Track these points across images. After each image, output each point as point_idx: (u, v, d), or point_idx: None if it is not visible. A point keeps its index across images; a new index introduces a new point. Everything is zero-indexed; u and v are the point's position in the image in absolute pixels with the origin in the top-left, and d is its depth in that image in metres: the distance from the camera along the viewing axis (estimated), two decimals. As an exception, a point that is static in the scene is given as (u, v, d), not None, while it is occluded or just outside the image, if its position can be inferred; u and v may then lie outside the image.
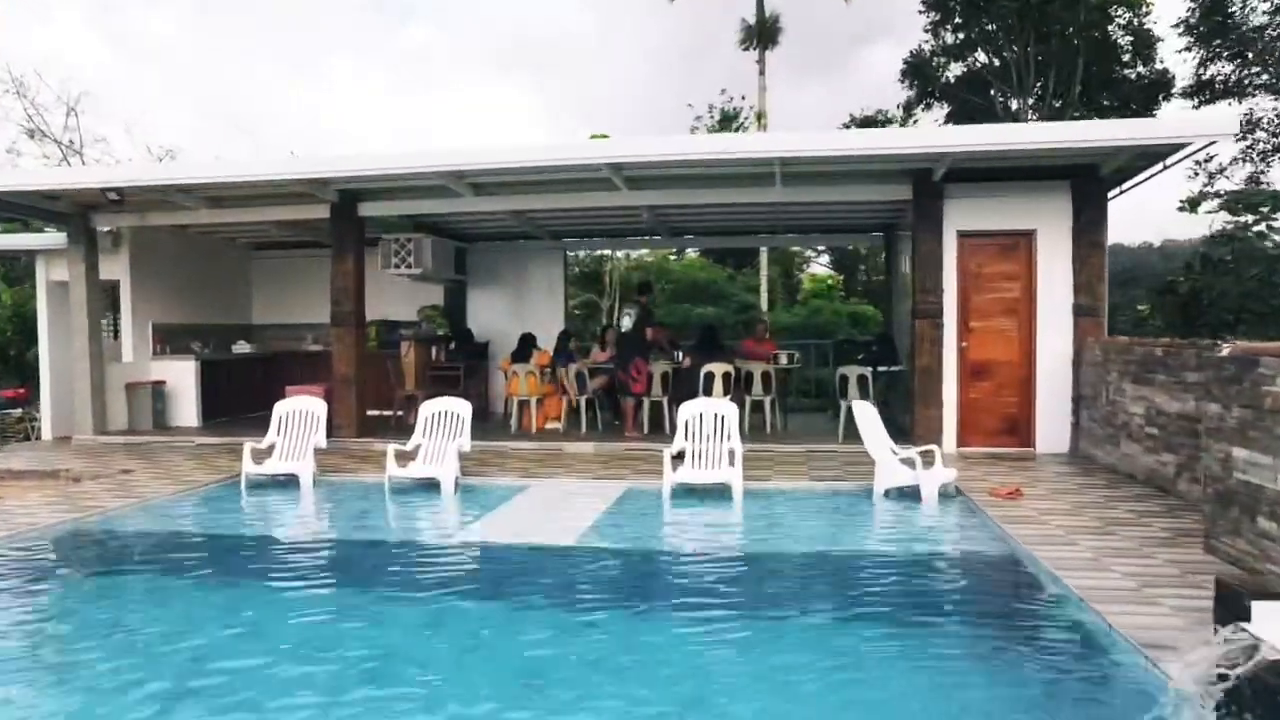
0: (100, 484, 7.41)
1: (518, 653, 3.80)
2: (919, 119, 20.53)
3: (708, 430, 7.12)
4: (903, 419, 9.39)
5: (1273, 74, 15.74)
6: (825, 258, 26.81)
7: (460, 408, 7.68)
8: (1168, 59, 17.39)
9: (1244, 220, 10.80)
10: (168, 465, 8.42)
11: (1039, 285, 8.70)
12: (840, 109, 41.30)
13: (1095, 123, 9.05)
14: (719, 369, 9.72)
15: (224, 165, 8.69)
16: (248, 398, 11.95)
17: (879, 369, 9.80)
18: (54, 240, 10.65)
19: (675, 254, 23.48)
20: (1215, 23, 15.38)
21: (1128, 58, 17.90)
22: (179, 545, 5.79)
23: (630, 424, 9.99)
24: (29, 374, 13.02)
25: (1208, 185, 16.05)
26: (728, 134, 20.17)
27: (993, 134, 8.30)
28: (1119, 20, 17.14)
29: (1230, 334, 9.94)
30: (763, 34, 20.87)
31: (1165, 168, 8.30)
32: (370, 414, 11.00)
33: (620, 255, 23.09)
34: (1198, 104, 16.40)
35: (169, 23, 39.46)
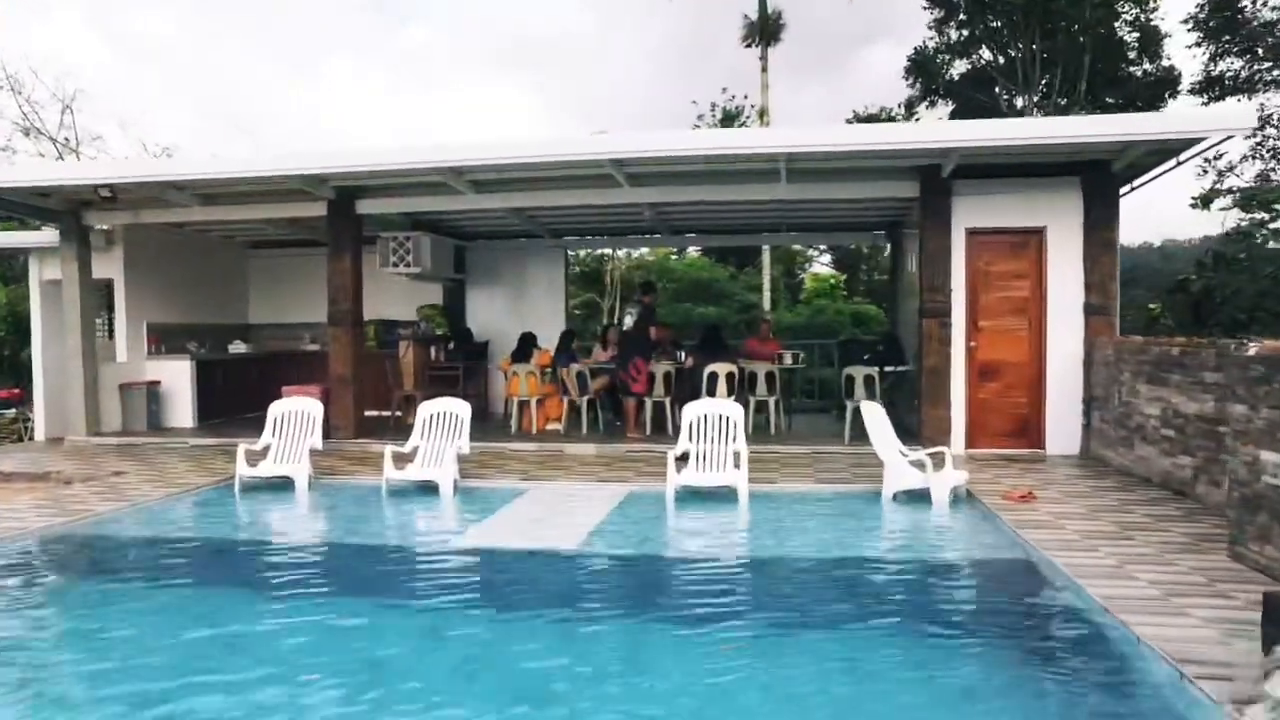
0: (91, 487, 7.25)
1: (516, 665, 3.63)
2: (921, 117, 20.37)
3: (712, 432, 6.96)
4: (909, 419, 9.22)
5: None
6: (827, 257, 26.65)
7: (459, 409, 7.51)
8: (1174, 56, 17.25)
9: (1259, 217, 10.60)
10: (161, 467, 8.25)
11: (1049, 284, 8.53)
12: (841, 108, 41.08)
13: (1109, 117, 8.88)
14: (723, 369, 9.55)
15: (218, 162, 8.52)
16: (244, 398, 11.79)
17: (885, 369, 9.63)
18: (47, 238, 10.49)
19: (676, 253, 23.32)
20: (1225, 18, 15.21)
21: (1134, 55, 17.73)
22: (166, 551, 5.61)
23: (632, 425, 9.83)
24: (23, 374, 12.86)
25: (1217, 183, 15.87)
26: (733, 129, 19.94)
27: (1004, 128, 8.14)
28: (1125, 16, 16.97)
29: (1243, 333, 9.77)
30: (765, 30, 20.69)
31: (1179, 163, 8.14)
32: (369, 415, 10.85)
33: (621, 254, 22.95)
34: (1206, 100, 16.21)
35: (168, 22, 39.32)
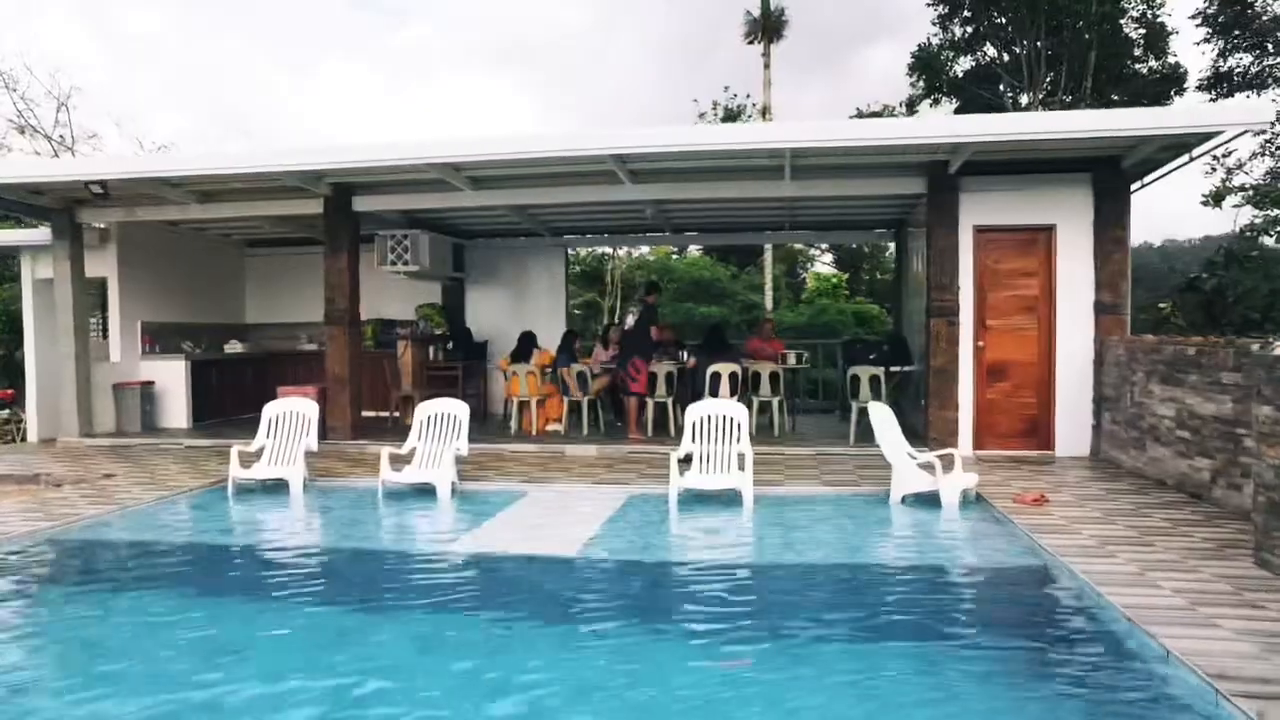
0: (80, 489, 7.09)
1: (514, 678, 3.47)
2: (924, 115, 20.18)
3: (716, 433, 6.80)
4: (914, 420, 9.06)
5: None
6: (828, 256, 26.50)
7: (457, 409, 7.35)
8: (1181, 53, 17.09)
9: (1274, 214, 10.41)
10: (153, 469, 8.09)
11: (1059, 282, 8.37)
12: (843, 108, 40.99)
13: (1124, 111, 8.68)
14: (725, 369, 9.39)
15: (212, 157, 8.36)
16: (240, 399, 11.64)
17: (891, 369, 9.47)
18: (39, 236, 10.33)
19: (677, 252, 23.17)
20: (1234, 13, 15.02)
21: (1139, 52, 17.56)
22: (153, 556, 5.44)
23: (633, 426, 9.67)
24: (17, 374, 12.69)
25: (1226, 180, 15.69)
26: (737, 124, 19.73)
27: (1016, 122, 7.96)
28: (1132, 13, 16.80)
29: (1256, 332, 9.61)
30: (767, 26, 20.53)
31: (1192, 159, 7.96)
32: (367, 415, 10.69)
33: (622, 253, 22.80)
34: (1214, 97, 16.04)
35: (165, 22, 39.18)
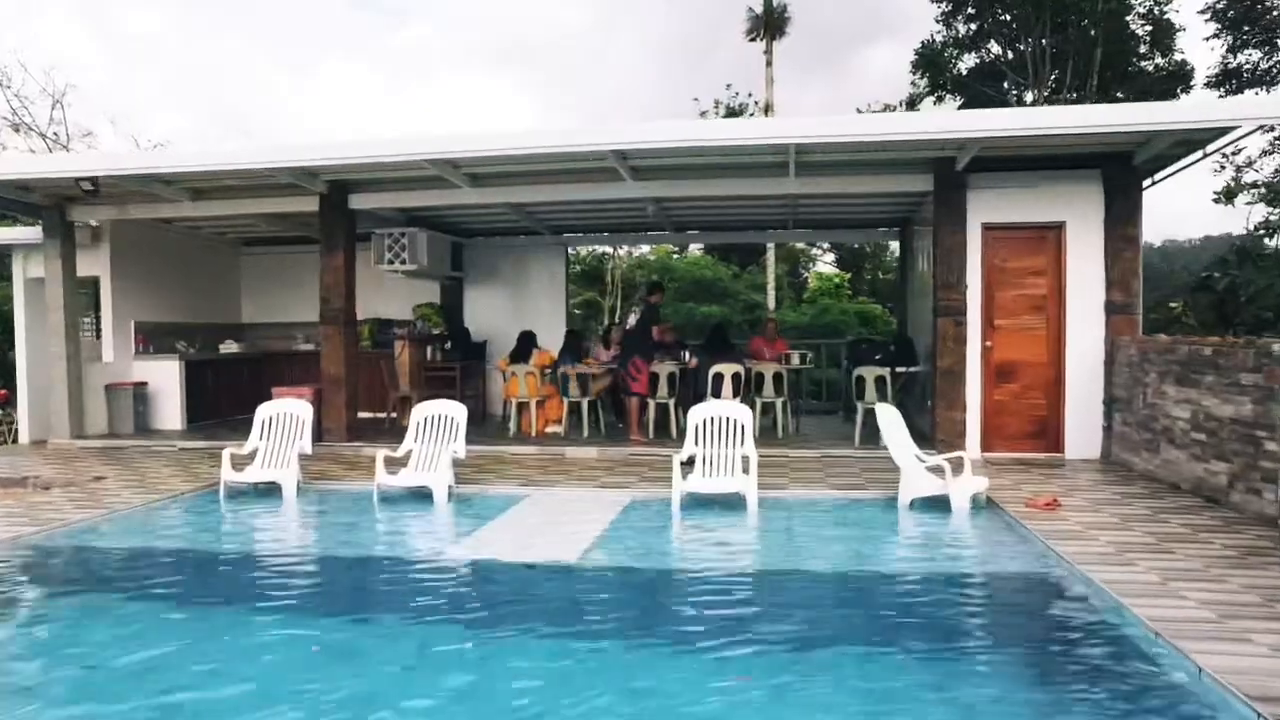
0: (69, 493, 6.92)
1: (511, 693, 3.30)
2: (932, 110, 20.00)
3: (719, 435, 6.63)
4: (920, 422, 8.89)
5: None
6: (830, 256, 26.34)
7: (454, 411, 7.18)
8: (1188, 50, 16.89)
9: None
10: (144, 472, 7.93)
11: (1068, 281, 8.21)
12: (844, 107, 40.77)
13: (1138, 105, 8.52)
14: (728, 370, 9.23)
15: (204, 154, 8.17)
16: (236, 399, 11.46)
17: (897, 370, 9.30)
18: (31, 235, 10.17)
19: (678, 251, 22.99)
20: (1243, 8, 14.83)
21: (1145, 49, 17.38)
22: (136, 563, 5.27)
23: (635, 427, 9.50)
24: (9, 375, 12.52)
25: (1235, 178, 15.50)
26: (741, 119, 19.48)
27: (1027, 117, 7.78)
28: (1138, 9, 16.61)
29: (1270, 332, 9.43)
30: (770, 23, 20.34)
31: (1205, 155, 7.80)
32: (364, 416, 10.52)
33: (623, 252, 22.63)
34: (1224, 93, 15.85)
35: (166, 22, 39.01)
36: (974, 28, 18.26)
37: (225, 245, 12.90)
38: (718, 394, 9.12)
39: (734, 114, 22.53)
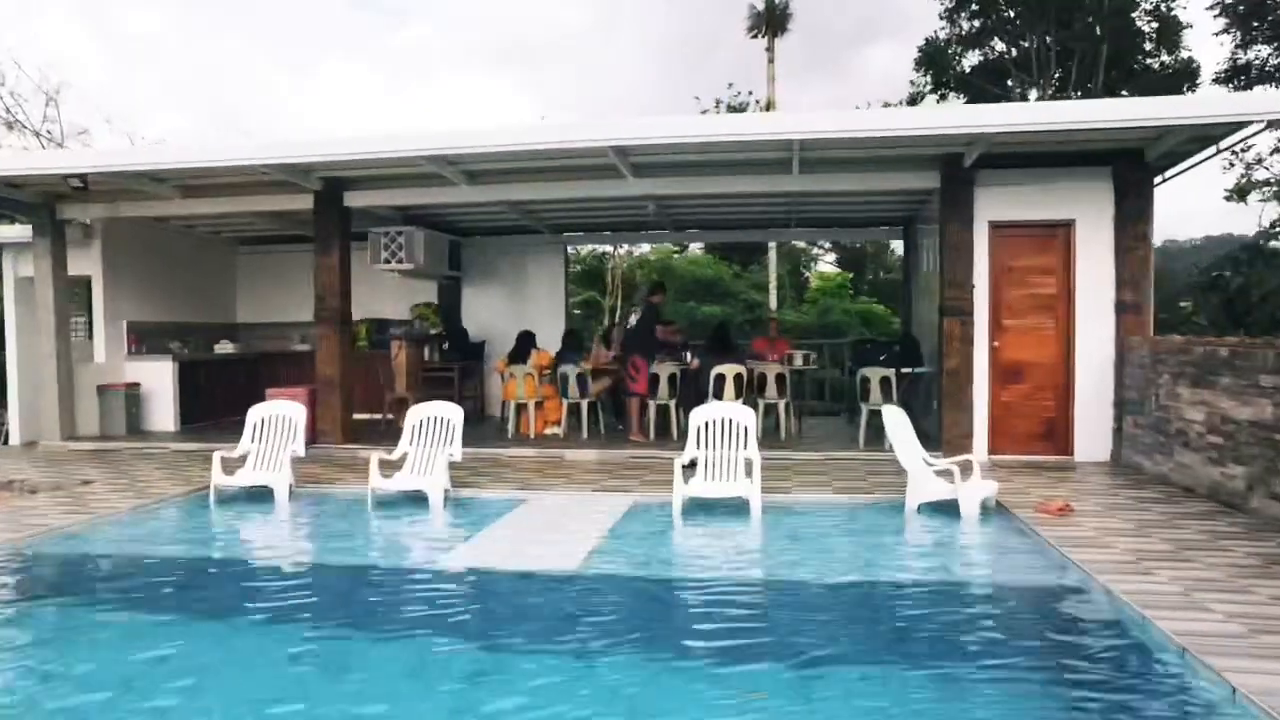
0: (54, 497, 6.75)
1: (502, 713, 3.13)
2: (940, 106, 19.81)
3: (722, 438, 6.46)
4: (926, 423, 8.71)
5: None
6: (831, 256, 26.14)
7: (451, 413, 7.01)
8: (1195, 47, 16.70)
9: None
10: (134, 475, 7.76)
11: (1078, 280, 8.04)
12: (844, 107, 40.61)
13: (1152, 100, 8.38)
14: (730, 371, 9.06)
15: (196, 150, 8.00)
16: (231, 400, 11.26)
17: (901, 371, 9.13)
18: (20, 233, 10.01)
19: (678, 251, 22.81)
20: (1254, 3, 14.62)
21: (1151, 46, 17.20)
22: (117, 571, 5.11)
23: (635, 428, 9.33)
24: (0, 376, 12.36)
25: (1244, 176, 15.32)
26: (744, 114, 19.23)
27: (1038, 112, 7.61)
28: (1145, 5, 16.42)
29: (1282, 332, 9.27)
30: (771, 20, 20.16)
31: (1219, 151, 7.62)
32: (361, 418, 10.37)
33: (623, 251, 22.45)
34: (1232, 90, 15.64)
35: (166, 22, 38.88)
36: (978, 24, 18.09)
37: (220, 244, 12.73)
38: (719, 395, 8.96)
39: (735, 112, 22.34)
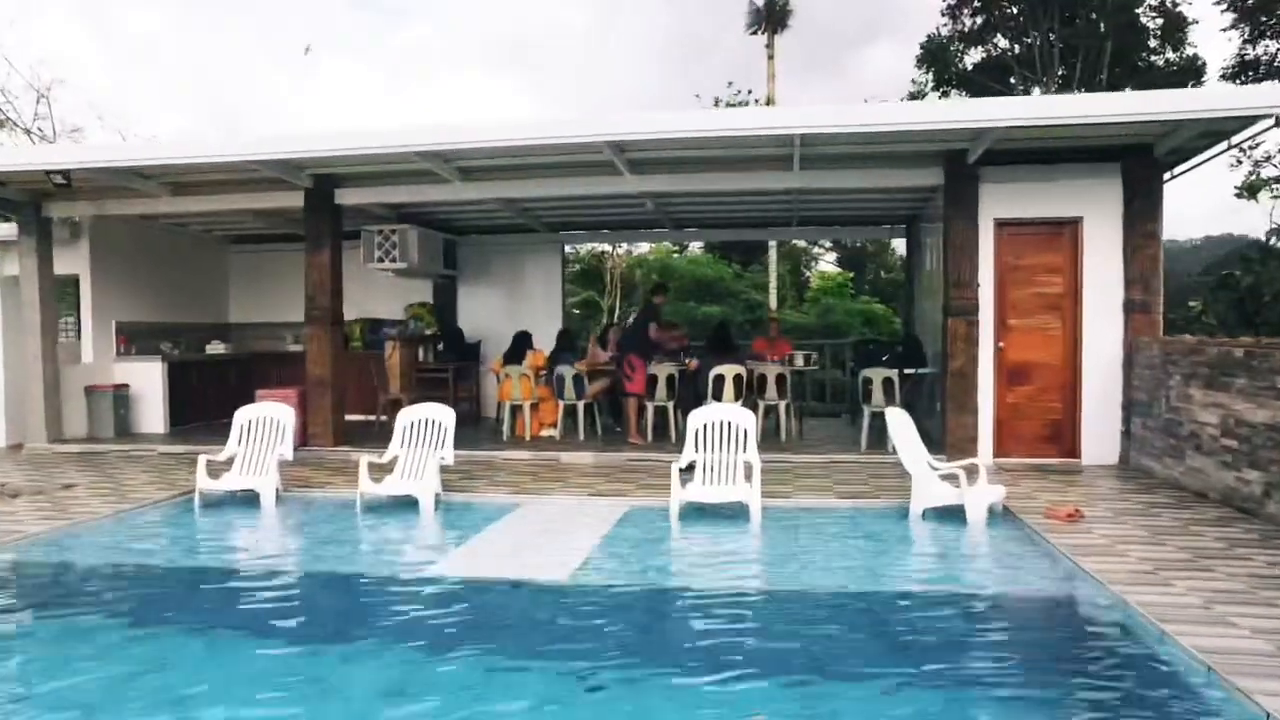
0: (35, 502, 6.56)
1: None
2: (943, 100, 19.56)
3: (720, 441, 6.27)
4: (929, 425, 8.53)
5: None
6: (832, 255, 25.95)
7: (442, 415, 6.83)
8: (1200, 44, 16.51)
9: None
10: (119, 479, 7.58)
11: (1085, 279, 7.85)
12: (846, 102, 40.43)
13: (1164, 93, 8.19)
14: (730, 371, 8.87)
15: (183, 146, 7.84)
16: (222, 401, 11.04)
17: (904, 371, 8.95)
18: (6, 231, 9.82)
19: (678, 249, 22.63)
20: (1263, -2, 14.44)
21: (1155, 43, 17.01)
22: (92, 580, 4.92)
23: (633, 430, 9.15)
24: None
25: (1253, 173, 15.12)
26: (744, 109, 18.99)
27: (1046, 106, 7.42)
28: (1149, 1, 16.22)
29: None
30: (771, 16, 19.96)
31: (1230, 146, 7.45)
32: (355, 419, 10.20)
33: (622, 250, 22.27)
34: (1239, 85, 15.44)
35: (166, 22, 38.71)
36: (980, 21, 17.90)
37: (212, 243, 12.55)
38: (719, 396, 8.77)
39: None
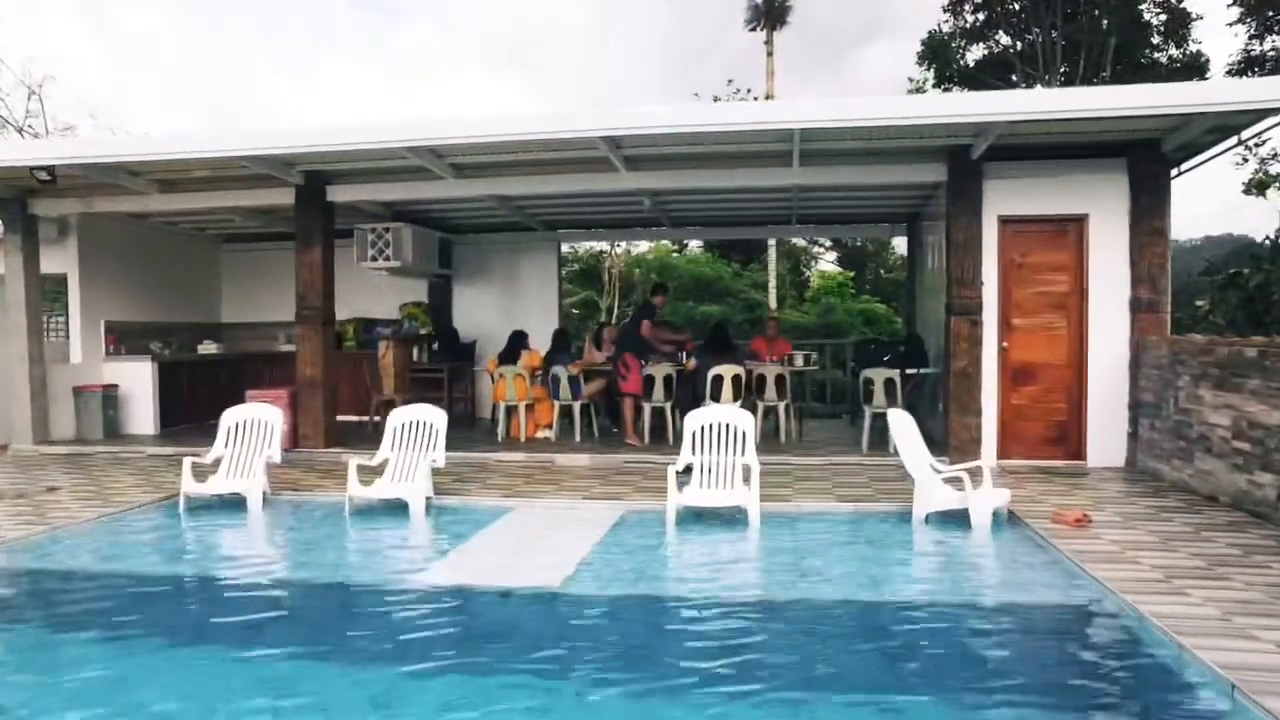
0: (15, 506, 6.40)
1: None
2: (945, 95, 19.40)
3: (719, 443, 6.11)
4: (932, 427, 8.37)
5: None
6: (832, 255, 25.78)
7: (433, 417, 6.66)
8: (1205, 40, 16.34)
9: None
10: (104, 481, 7.41)
11: (1091, 277, 7.69)
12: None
13: (1175, 86, 8.02)
14: (729, 372, 8.71)
15: (167, 141, 7.66)
16: (214, 402, 10.82)
17: (906, 372, 8.78)
18: (-8, 229, 9.65)
19: (677, 248, 22.46)
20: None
21: (1157, 39, 16.84)
22: (62, 588, 4.75)
23: (630, 431, 8.98)
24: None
25: (1259, 171, 14.95)
26: (742, 103, 18.74)
27: (1053, 99, 7.22)
28: (1153, -2, 16.10)
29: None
30: (771, 12, 19.79)
31: (1240, 142, 7.28)
32: (350, 420, 10.05)
33: (620, 249, 22.11)
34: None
35: (166, 22, 38.56)
36: (982, 17, 17.73)
37: (204, 241, 12.38)
38: (717, 397, 8.61)
39: (734, 109, 22.00)
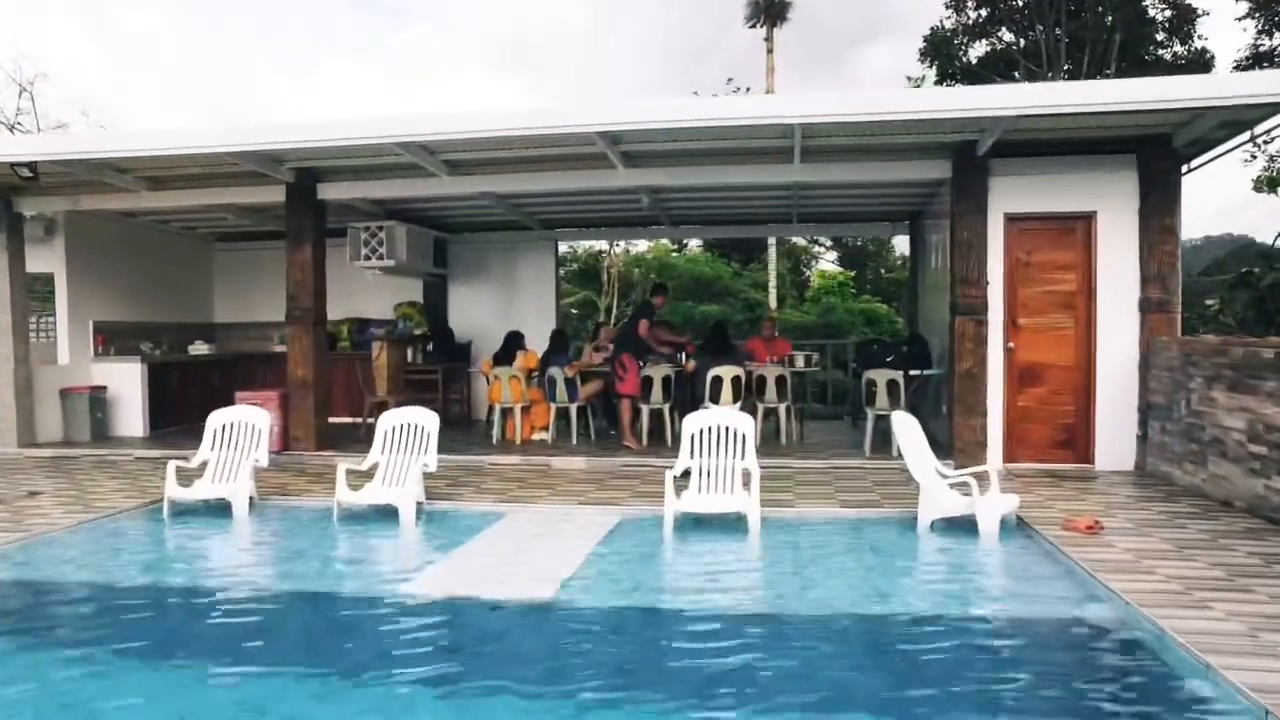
0: (-6, 511, 6.22)
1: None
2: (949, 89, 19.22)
3: (718, 447, 5.93)
4: (936, 429, 8.19)
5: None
6: (833, 254, 25.62)
7: (425, 420, 6.48)
8: (1210, 36, 16.15)
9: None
10: (87, 486, 7.23)
11: (1099, 276, 7.52)
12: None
13: (1189, 78, 7.87)
14: (728, 373, 8.53)
15: (153, 136, 7.46)
16: (205, 403, 10.58)
17: (909, 373, 8.61)
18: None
19: (677, 248, 22.29)
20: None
21: (1162, 36, 16.66)
22: (34, 598, 4.57)
23: (627, 432, 8.80)
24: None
25: (1267, 168, 14.78)
26: (743, 97, 18.53)
27: (1062, 93, 6.99)
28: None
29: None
30: (770, 9, 19.62)
31: (1252, 138, 7.12)
32: (344, 422, 9.87)
33: (619, 248, 21.95)
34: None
35: (166, 22, 38.40)
36: (985, 13, 17.56)
37: (196, 240, 12.20)
38: (716, 399, 8.43)
39: (734, 107, 21.82)
